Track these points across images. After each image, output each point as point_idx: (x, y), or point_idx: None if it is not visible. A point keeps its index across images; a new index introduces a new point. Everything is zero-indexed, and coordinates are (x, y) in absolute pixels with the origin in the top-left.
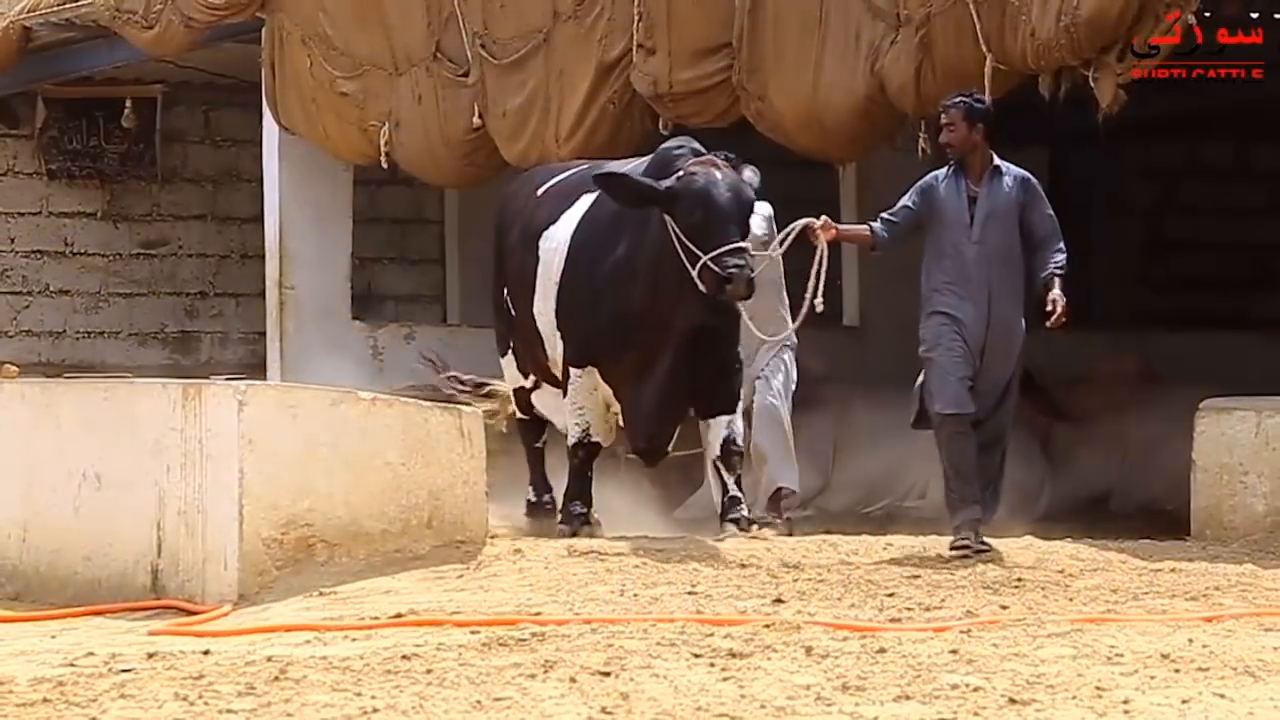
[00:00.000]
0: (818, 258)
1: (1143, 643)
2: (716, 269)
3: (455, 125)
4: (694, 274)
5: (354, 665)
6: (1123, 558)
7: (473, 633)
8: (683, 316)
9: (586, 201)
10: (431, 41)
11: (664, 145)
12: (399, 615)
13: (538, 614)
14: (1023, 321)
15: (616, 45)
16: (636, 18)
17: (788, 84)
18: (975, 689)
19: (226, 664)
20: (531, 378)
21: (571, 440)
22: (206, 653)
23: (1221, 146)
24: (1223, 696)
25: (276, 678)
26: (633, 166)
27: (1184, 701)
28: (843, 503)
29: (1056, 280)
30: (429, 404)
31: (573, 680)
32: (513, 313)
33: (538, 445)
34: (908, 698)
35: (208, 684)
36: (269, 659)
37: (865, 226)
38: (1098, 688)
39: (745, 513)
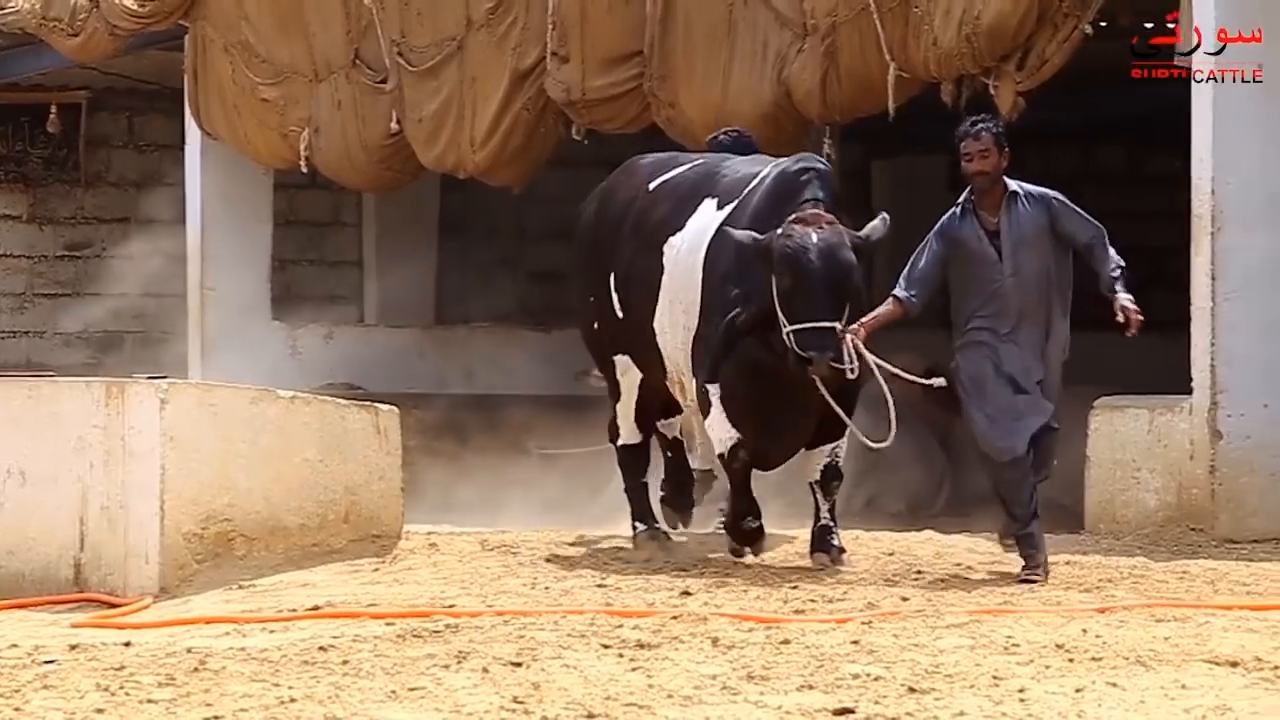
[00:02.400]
0: (879, 376)
1: (1038, 633)
2: (798, 349)
3: (373, 130)
4: (785, 337)
5: (272, 656)
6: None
7: (388, 625)
8: (786, 367)
9: (709, 213)
10: (350, 49)
11: (787, 165)
12: (316, 608)
13: (451, 606)
14: (1066, 328)
15: (530, 53)
16: (550, 26)
17: (697, 91)
18: (876, 678)
19: (147, 655)
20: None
21: (728, 444)
22: (128, 644)
23: (1115, 152)
24: (1115, 685)
25: (196, 669)
26: (757, 173)
27: (1078, 690)
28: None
29: (1118, 283)
30: (346, 402)
31: (485, 671)
32: (620, 314)
33: (643, 481)
34: (811, 687)
35: (129, 675)
36: (189, 650)
37: (890, 302)
38: (994, 677)
39: (837, 543)
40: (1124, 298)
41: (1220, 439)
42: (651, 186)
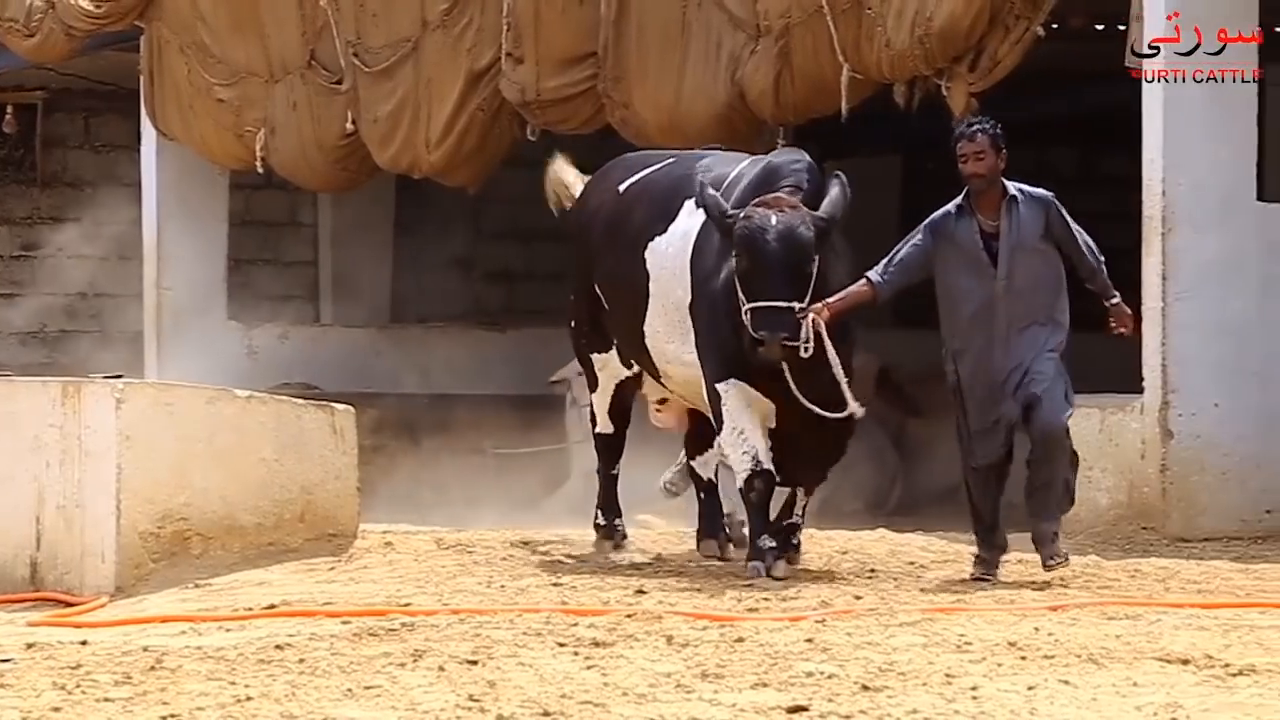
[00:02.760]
0: (830, 355)
1: (991, 631)
2: (751, 329)
3: (329, 131)
4: (744, 318)
5: (228, 655)
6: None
7: (344, 623)
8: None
9: (691, 215)
10: (306, 50)
11: (775, 154)
12: (272, 606)
13: (407, 605)
14: (1060, 327)
15: (485, 54)
16: (504, 27)
17: (651, 92)
18: (830, 676)
19: (104, 654)
20: (635, 367)
21: (742, 475)
22: (84, 643)
23: (1067, 153)
24: (1067, 683)
25: (153, 667)
26: (740, 168)
27: (1030, 688)
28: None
29: (1107, 287)
30: (302, 402)
31: (441, 669)
32: (607, 307)
33: (614, 472)
34: (765, 685)
35: (85, 673)
36: (145, 649)
37: (861, 283)
38: (947, 675)
39: (796, 541)
40: (1117, 302)
41: (1171, 438)
42: (622, 189)
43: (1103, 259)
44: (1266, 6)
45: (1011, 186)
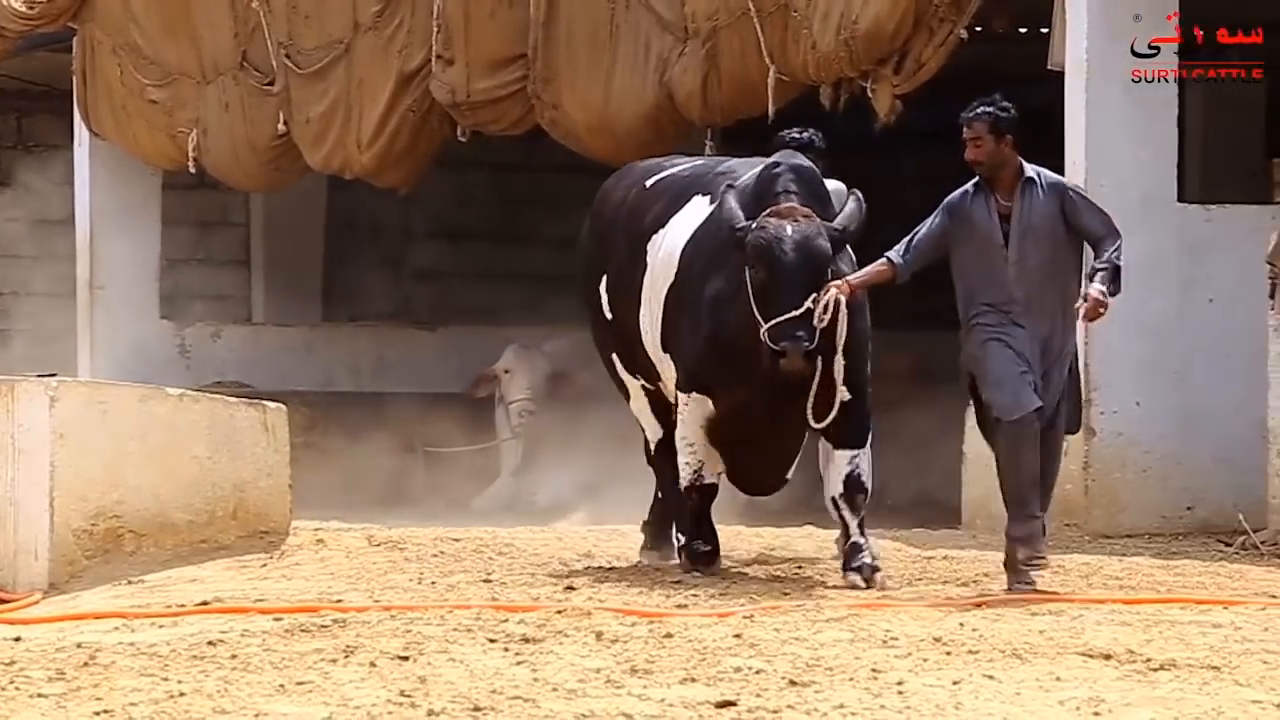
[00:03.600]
0: (839, 336)
1: (916, 627)
2: (771, 342)
3: (261, 132)
4: (762, 334)
5: (161, 651)
6: (898, 546)
7: (276, 619)
8: (765, 369)
9: (698, 206)
10: (238, 51)
11: (766, 165)
12: (205, 603)
13: (339, 601)
14: (1074, 332)
15: (416, 55)
16: (435, 29)
17: (580, 93)
18: (758, 671)
19: (37, 650)
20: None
21: (683, 483)
22: (18, 639)
23: None
24: (991, 678)
25: (86, 663)
26: (746, 178)
27: (955, 683)
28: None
29: (1099, 274)
30: (235, 400)
31: (373, 665)
32: (609, 315)
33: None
34: (693, 680)
35: (19, 669)
36: (79, 645)
37: (881, 262)
38: (874, 670)
39: (870, 560)
40: (1095, 288)
41: (1093, 436)
42: (648, 184)
43: (1121, 257)
44: (1187, 10)
45: (1030, 169)
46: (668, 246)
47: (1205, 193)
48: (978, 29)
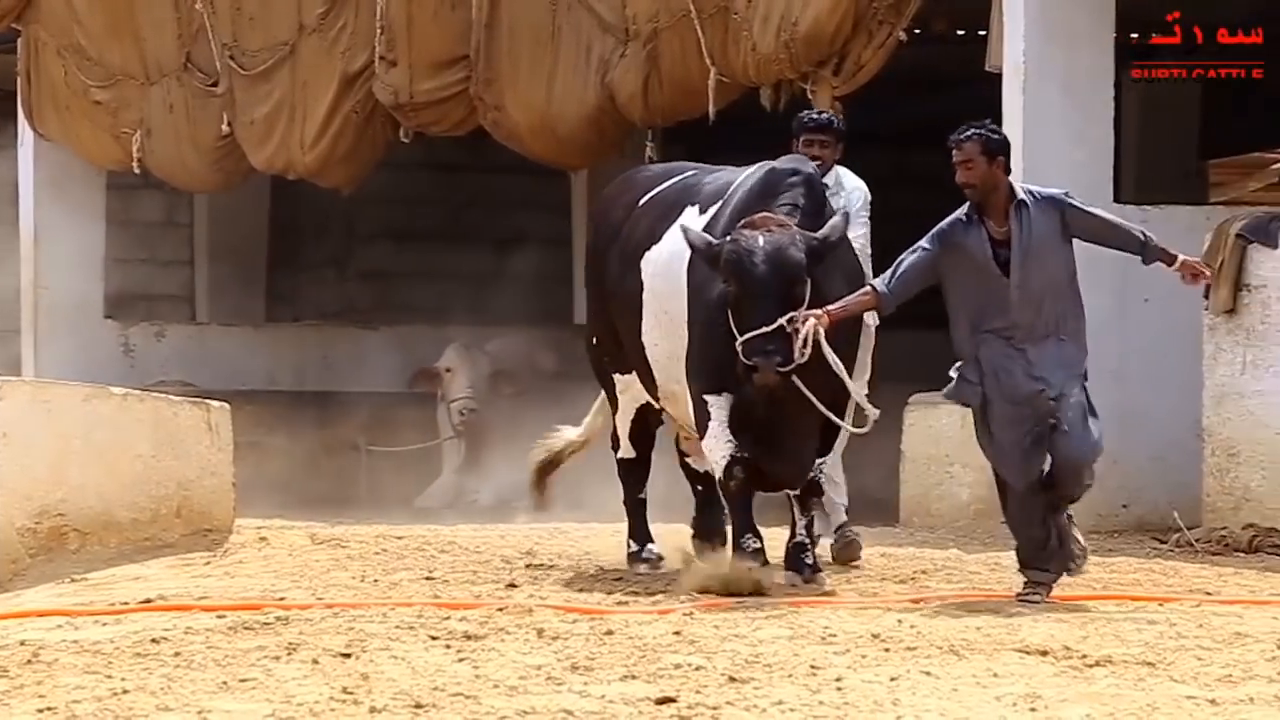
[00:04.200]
0: (830, 360)
1: (854, 624)
2: (744, 357)
3: (205, 132)
4: (738, 347)
5: (105, 649)
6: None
7: (219, 617)
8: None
9: (689, 219)
10: (182, 53)
11: (774, 165)
12: (148, 600)
13: (282, 599)
14: (1081, 346)
15: (359, 57)
16: (378, 31)
17: (522, 95)
18: (697, 668)
19: None
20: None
21: (720, 464)
22: None
23: (929, 156)
24: (929, 674)
25: (29, 661)
26: (741, 179)
27: (893, 679)
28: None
29: (1160, 250)
30: (178, 399)
31: (315, 662)
32: (608, 325)
33: (641, 496)
34: (634, 677)
35: None
36: (22, 643)
37: (865, 291)
38: (812, 666)
39: (811, 561)
40: (1183, 257)
41: None
42: (641, 203)
43: (1141, 228)
44: (1122, 15)
45: (1020, 189)
46: (669, 261)
47: (1141, 193)
48: (917, 31)
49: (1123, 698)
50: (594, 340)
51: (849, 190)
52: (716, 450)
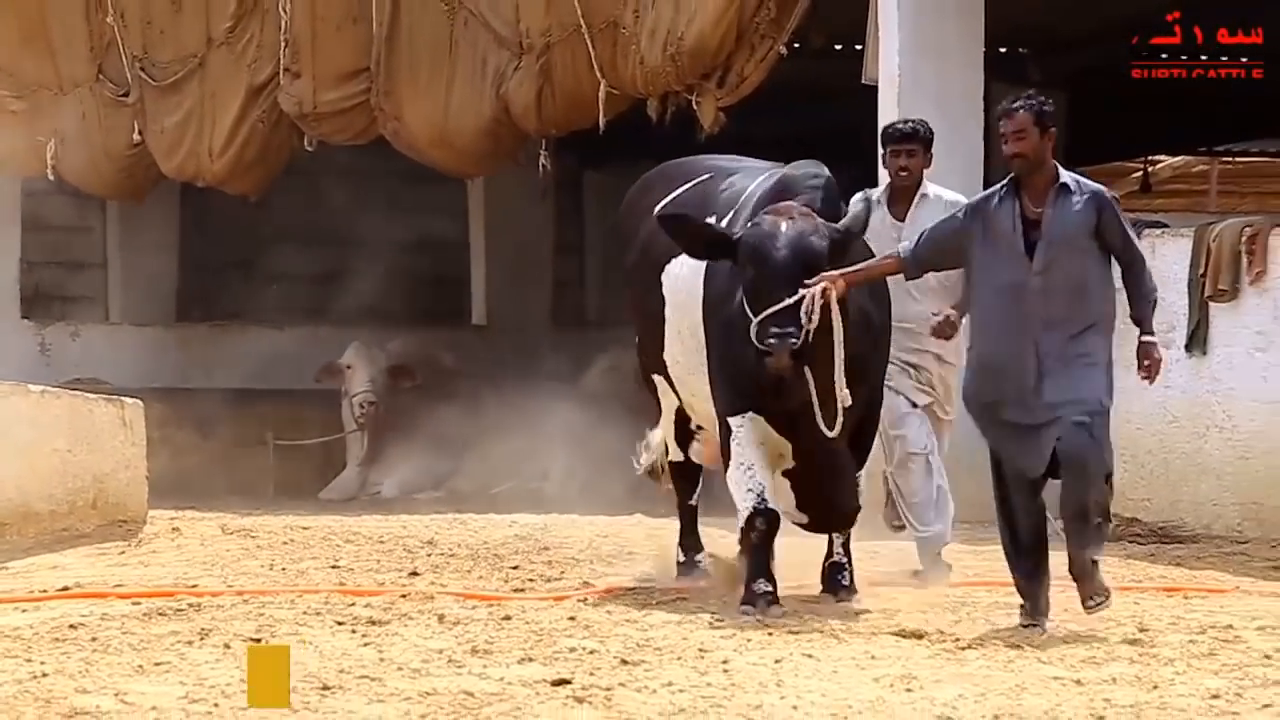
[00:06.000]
0: (836, 333)
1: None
2: (757, 341)
3: (117, 141)
4: (751, 333)
5: (24, 634)
6: (722, 534)
7: (134, 604)
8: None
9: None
10: (94, 64)
11: (790, 169)
12: (66, 588)
13: (194, 586)
14: (1102, 341)
15: (265, 69)
16: (283, 44)
17: (421, 106)
18: (591, 651)
19: None
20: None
21: (745, 513)
22: None
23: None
24: (811, 656)
25: None
26: (755, 185)
27: (777, 661)
28: (473, 484)
29: (1146, 320)
30: (93, 396)
31: (227, 647)
32: (641, 334)
33: (691, 503)
34: (531, 660)
35: None
36: None
37: (887, 255)
38: (700, 649)
39: (847, 581)
40: (1152, 344)
41: None
42: (658, 210)
43: (1153, 287)
44: (991, 30)
45: (1066, 175)
46: (690, 275)
47: None
48: (797, 45)
49: (993, 678)
50: (637, 340)
51: (948, 203)
52: (739, 495)
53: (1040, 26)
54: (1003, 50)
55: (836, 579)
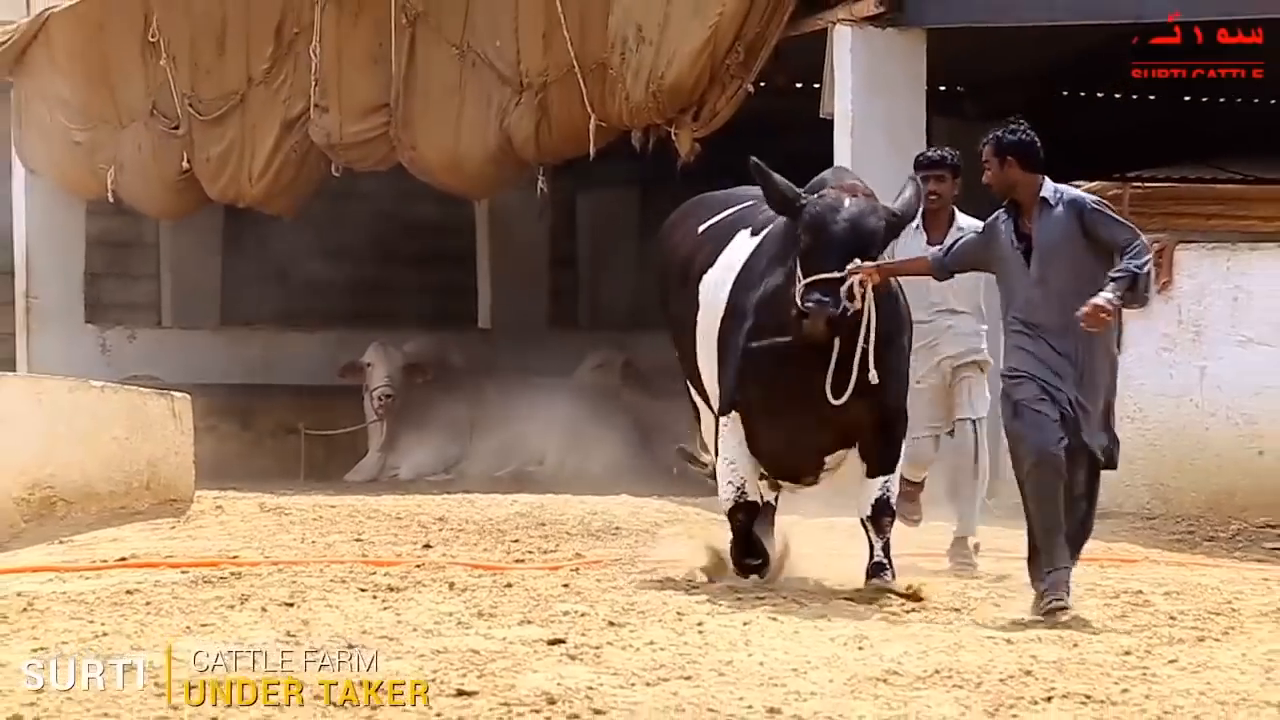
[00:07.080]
0: (865, 318)
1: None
2: (800, 302)
3: (168, 168)
4: (795, 294)
5: (88, 598)
6: (697, 510)
7: (183, 572)
8: (795, 336)
9: (742, 243)
10: (149, 101)
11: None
12: (124, 559)
13: (235, 557)
14: (1112, 348)
15: (297, 105)
16: (313, 83)
17: (434, 137)
18: (582, 614)
19: None
20: None
21: (726, 504)
22: None
23: None
24: (775, 619)
25: (25, 609)
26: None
27: (745, 624)
28: (478, 468)
29: (1111, 283)
30: (148, 391)
31: (264, 610)
32: (679, 347)
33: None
34: (529, 622)
35: None
36: (18, 594)
37: (919, 256)
38: (679, 613)
39: (888, 580)
40: (1101, 296)
41: None
42: (701, 230)
43: (1143, 265)
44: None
45: (1048, 189)
46: (716, 286)
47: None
48: (763, 84)
49: (934, 637)
50: (677, 355)
51: (965, 230)
52: (722, 486)
53: (973, 68)
54: (942, 88)
55: (880, 577)
